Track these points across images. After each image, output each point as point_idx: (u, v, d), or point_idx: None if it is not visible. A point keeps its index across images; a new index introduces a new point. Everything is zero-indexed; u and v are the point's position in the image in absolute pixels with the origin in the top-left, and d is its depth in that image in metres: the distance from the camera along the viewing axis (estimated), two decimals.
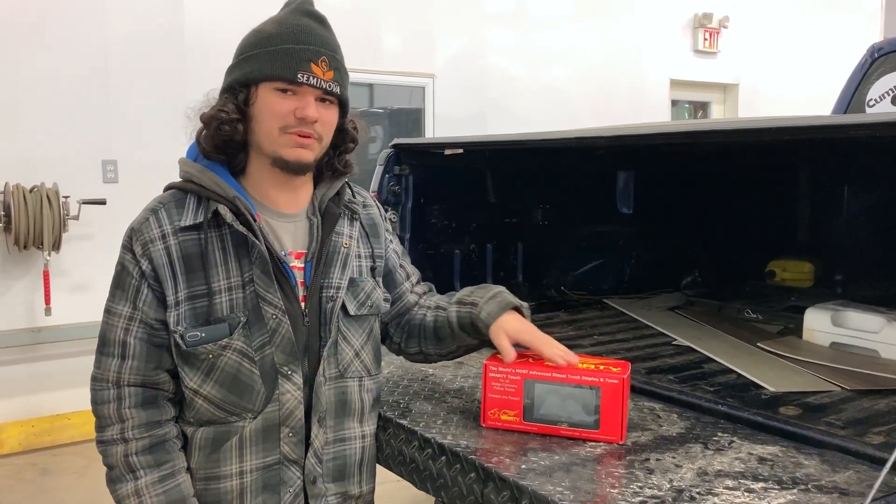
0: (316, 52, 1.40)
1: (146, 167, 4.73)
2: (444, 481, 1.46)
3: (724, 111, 7.70)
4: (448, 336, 1.63)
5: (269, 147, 1.43)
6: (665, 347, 2.37)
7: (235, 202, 1.40)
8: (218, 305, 1.39)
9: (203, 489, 1.41)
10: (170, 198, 1.44)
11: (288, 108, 1.39)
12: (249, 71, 1.41)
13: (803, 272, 3.34)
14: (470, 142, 2.67)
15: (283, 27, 1.42)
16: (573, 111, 6.28)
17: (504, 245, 3.09)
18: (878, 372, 2.07)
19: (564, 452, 1.45)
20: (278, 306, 1.41)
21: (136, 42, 4.72)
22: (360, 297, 1.55)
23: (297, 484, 1.44)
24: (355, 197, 1.61)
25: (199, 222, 1.40)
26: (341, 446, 1.50)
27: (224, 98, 1.43)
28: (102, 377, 1.42)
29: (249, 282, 1.40)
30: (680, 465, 1.40)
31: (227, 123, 1.40)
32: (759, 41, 7.61)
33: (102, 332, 1.43)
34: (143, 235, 1.39)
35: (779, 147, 3.06)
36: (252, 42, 1.44)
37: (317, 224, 1.50)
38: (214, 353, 1.39)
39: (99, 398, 1.42)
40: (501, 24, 6.23)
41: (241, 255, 1.41)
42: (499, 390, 1.55)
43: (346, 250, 1.52)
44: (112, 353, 1.41)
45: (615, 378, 1.50)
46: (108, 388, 1.41)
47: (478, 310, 1.56)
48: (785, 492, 1.29)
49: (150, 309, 1.40)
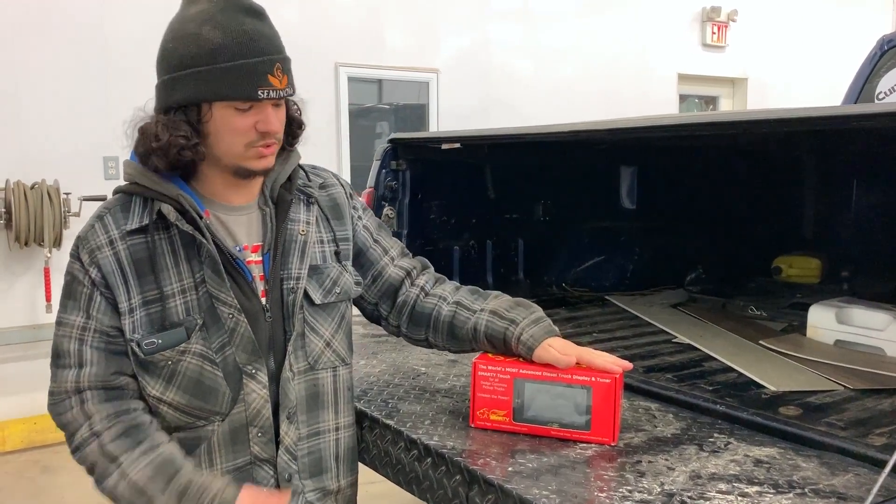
0: (271, 62, 1.32)
1: None
2: (429, 483, 1.43)
3: (733, 105, 7.61)
4: (468, 339, 1.57)
5: (231, 161, 1.36)
6: (665, 345, 2.33)
7: (179, 200, 1.34)
8: (172, 309, 1.34)
9: None
10: (115, 202, 1.39)
11: (249, 124, 1.33)
12: (201, 90, 1.31)
13: (810, 268, 3.29)
14: (467, 136, 2.63)
15: (227, 35, 1.30)
16: (579, 107, 6.21)
17: (504, 241, 3.05)
18: (883, 370, 2.02)
19: (553, 454, 1.41)
20: (233, 305, 1.36)
21: (137, 37, 4.69)
22: (326, 284, 1.49)
23: (270, 483, 1.41)
24: (310, 179, 1.54)
25: (146, 224, 1.34)
26: (316, 441, 1.46)
27: (176, 120, 1.32)
28: (60, 389, 1.36)
29: (202, 282, 1.35)
30: (672, 468, 1.35)
31: (189, 149, 1.32)
32: (767, 35, 7.52)
33: (55, 345, 1.37)
34: (90, 243, 1.34)
35: (785, 141, 3.00)
36: (194, 53, 1.31)
37: (269, 213, 1.45)
38: (174, 359, 1.34)
39: (60, 409, 1.36)
40: (506, 20, 6.18)
41: (190, 256, 1.36)
42: (488, 389, 1.51)
43: (304, 237, 1.47)
44: (68, 364, 1.35)
45: (607, 377, 1.45)
46: (68, 398, 1.35)
47: (518, 329, 1.51)
48: (780, 496, 1.24)
49: (105, 316, 1.34)
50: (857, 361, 2.10)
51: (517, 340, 1.49)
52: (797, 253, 3.31)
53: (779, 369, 2.03)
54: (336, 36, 5.35)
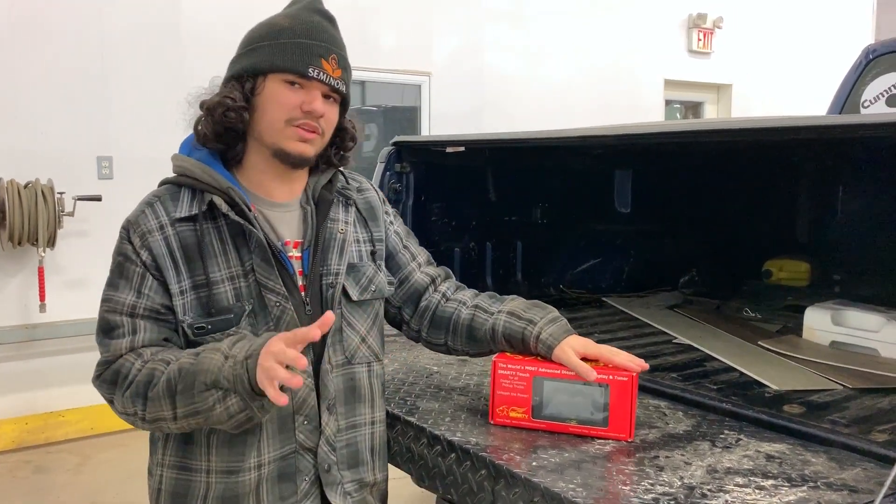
0: (327, 49, 1.42)
1: (142, 163, 4.70)
2: (453, 478, 1.47)
3: (718, 111, 7.73)
4: (486, 340, 1.61)
5: (271, 138, 1.42)
6: (666, 346, 2.38)
7: (230, 192, 1.40)
8: (221, 295, 1.38)
9: (223, 482, 1.39)
10: (164, 191, 1.44)
11: (295, 101, 1.40)
12: (259, 61, 1.41)
13: (800, 272, 3.36)
14: (471, 140, 2.67)
15: (295, 22, 1.43)
16: (569, 110, 6.28)
17: (503, 243, 3.10)
18: (879, 370, 2.09)
19: (574, 450, 1.46)
20: (281, 293, 1.41)
21: (132, 38, 4.70)
22: (363, 281, 1.54)
23: (311, 472, 1.44)
24: (349, 183, 1.61)
25: (195, 214, 1.40)
26: (353, 433, 1.50)
27: (230, 86, 1.43)
28: (114, 355, 1.36)
29: (251, 271, 1.40)
30: (689, 463, 1.41)
31: (234, 110, 1.40)
32: (752, 42, 7.64)
33: (105, 320, 1.38)
34: (141, 227, 1.38)
35: (775, 147, 3.08)
36: (262, 34, 1.44)
37: (310, 212, 1.50)
38: None
39: (110, 377, 1.35)
40: (498, 22, 6.23)
41: (239, 245, 1.41)
42: (508, 387, 1.56)
43: (343, 236, 1.52)
44: (121, 334, 1.36)
45: (624, 376, 1.50)
46: (125, 361, 1.35)
47: (537, 329, 1.55)
48: (795, 489, 1.30)
49: (157, 295, 1.38)
50: (853, 362, 2.17)
51: (536, 339, 1.54)
52: (787, 256, 3.38)
53: (779, 369, 2.09)
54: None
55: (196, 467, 1.42)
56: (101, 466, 4.25)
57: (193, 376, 1.28)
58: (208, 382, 1.27)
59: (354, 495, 1.48)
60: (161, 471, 1.45)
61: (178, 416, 1.31)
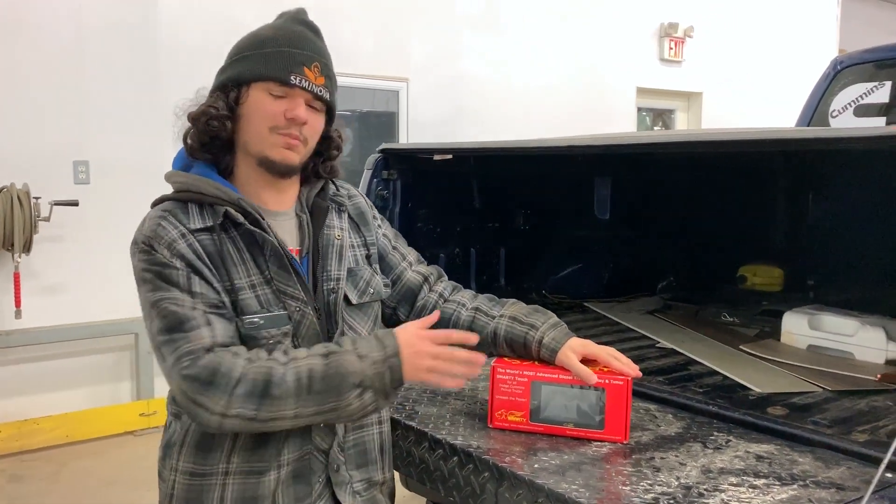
0: (309, 58, 1.45)
1: (119, 168, 4.68)
2: (456, 481, 1.50)
3: (688, 119, 7.87)
4: (487, 343, 1.65)
5: (256, 146, 1.45)
6: (650, 350, 2.44)
7: (240, 203, 1.42)
8: (248, 301, 1.40)
9: (242, 483, 1.41)
10: (171, 206, 1.43)
11: (279, 109, 1.42)
12: (242, 70, 1.45)
13: (773, 277, 3.45)
14: (459, 148, 2.71)
15: (279, 32, 1.47)
16: (543, 116, 6.37)
17: (487, 249, 3.14)
18: (855, 373, 2.17)
19: (573, 452, 1.50)
20: (300, 298, 1.44)
21: (108, 41, 4.66)
22: (360, 285, 1.57)
23: (323, 473, 1.47)
24: (339, 190, 1.64)
25: (210, 225, 1.41)
26: (360, 433, 1.53)
27: (215, 96, 1.46)
28: (196, 347, 1.31)
29: (270, 279, 1.43)
30: (684, 464, 1.46)
31: (217, 119, 1.42)
32: (722, 51, 7.80)
33: (172, 316, 1.32)
34: (164, 238, 1.38)
35: (750, 157, 3.17)
36: (247, 44, 1.48)
37: (306, 220, 1.54)
38: (276, 340, 1.40)
39: (203, 361, 1.30)
40: (474, 29, 6.28)
41: (255, 255, 1.43)
42: (506, 392, 1.60)
43: (340, 242, 1.55)
44: (196, 325, 1.32)
45: (620, 380, 1.55)
46: (207, 353, 1.31)
47: (539, 333, 1.60)
48: (786, 487, 1.35)
49: (207, 291, 1.36)
50: (830, 365, 2.24)
51: (539, 344, 1.59)
52: (761, 263, 3.47)
53: (760, 372, 2.16)
54: None
55: (212, 471, 1.43)
56: (78, 475, 4.21)
57: (340, 378, 1.32)
58: (356, 382, 1.33)
59: (363, 494, 1.51)
60: (174, 476, 1.45)
61: (305, 413, 1.32)
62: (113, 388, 4.80)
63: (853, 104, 4.20)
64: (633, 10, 7.16)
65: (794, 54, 8.14)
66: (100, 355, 4.74)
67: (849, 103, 4.21)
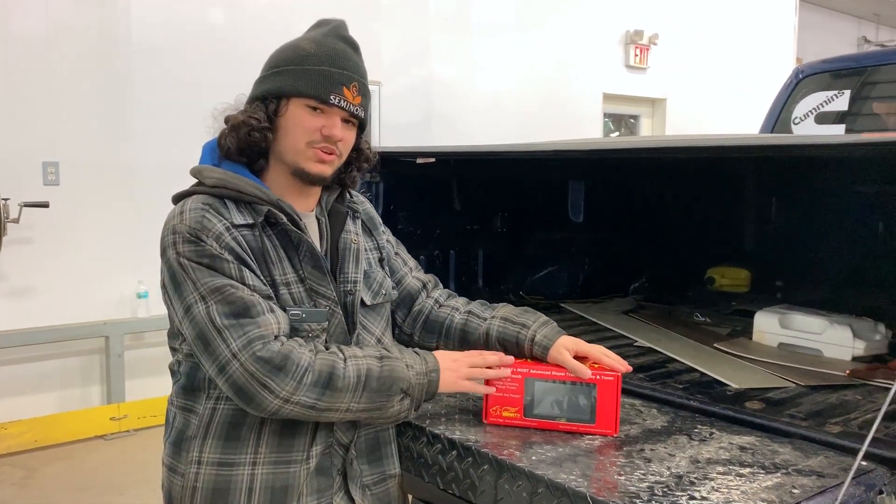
0: (349, 77, 1.50)
1: (90, 170, 4.64)
2: (455, 474, 1.55)
3: (653, 125, 8.03)
4: (479, 343, 1.72)
5: (292, 158, 1.50)
6: (629, 349, 2.52)
7: (280, 204, 1.48)
8: (285, 297, 1.46)
9: (272, 473, 1.45)
10: (208, 200, 1.45)
11: (316, 125, 1.48)
12: (283, 84, 1.49)
13: (740, 278, 3.57)
14: (442, 151, 2.76)
15: (320, 48, 1.50)
16: (512, 120, 6.46)
17: (466, 251, 3.20)
18: (824, 369, 2.27)
19: (566, 445, 1.56)
20: (331, 297, 1.50)
21: (78, 42, 4.62)
22: (374, 286, 1.64)
23: (341, 466, 1.52)
24: (353, 197, 1.72)
25: (252, 223, 1.46)
26: (373, 428, 1.58)
27: (254, 105, 1.50)
28: (267, 332, 1.36)
29: (304, 278, 1.48)
30: (673, 455, 1.52)
31: (258, 130, 1.47)
32: (685, 59, 7.98)
33: (233, 303, 1.36)
34: (211, 230, 1.40)
35: (719, 162, 3.27)
36: (288, 57, 1.51)
37: (325, 223, 1.60)
38: (314, 335, 1.45)
39: (273, 347, 1.35)
40: (446, 32, 6.34)
41: (290, 255, 1.49)
42: (501, 388, 1.65)
43: (356, 246, 1.62)
44: (261, 311, 1.37)
45: (610, 375, 1.62)
46: (277, 340, 1.37)
47: (531, 332, 1.67)
48: (770, 475, 1.43)
49: (259, 284, 1.41)
50: (801, 361, 2.34)
51: (531, 342, 1.65)
52: (728, 265, 3.59)
53: (735, 369, 2.25)
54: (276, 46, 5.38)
55: (240, 461, 1.45)
56: (48, 480, 4.16)
57: (392, 381, 1.42)
58: (403, 387, 1.45)
59: (373, 488, 1.56)
60: (196, 468, 1.47)
61: (354, 409, 1.41)
62: (83, 392, 4.75)
63: (814, 112, 4.34)
64: (600, 17, 7.29)
65: (753, 62, 8.36)
66: (70, 358, 4.69)
67: (811, 110, 4.34)
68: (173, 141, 4.87)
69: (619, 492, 1.33)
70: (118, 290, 4.77)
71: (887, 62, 4.37)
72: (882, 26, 13.85)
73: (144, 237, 4.69)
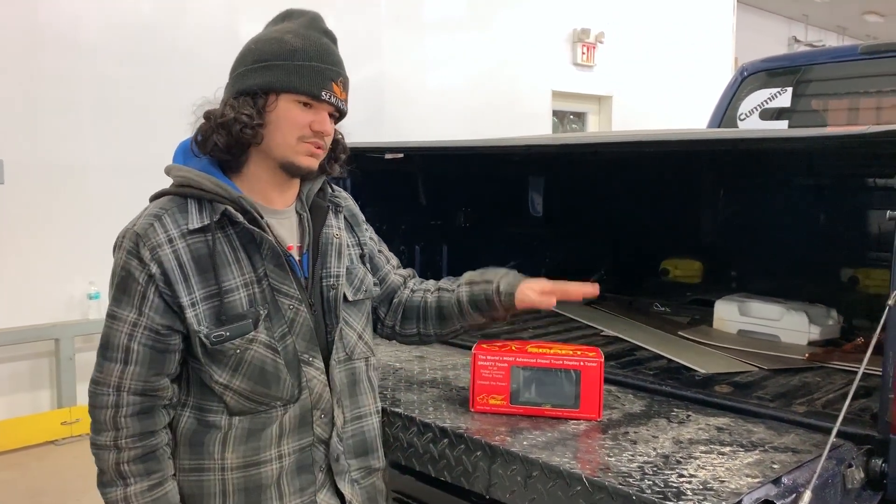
0: (336, 73, 1.51)
1: (36, 169, 4.51)
2: (447, 461, 1.58)
3: (599, 121, 8.19)
4: (455, 315, 1.75)
5: (281, 152, 1.49)
6: (596, 338, 2.59)
7: (241, 202, 1.46)
8: (235, 302, 1.43)
9: (243, 476, 1.45)
10: (169, 203, 1.46)
11: (306, 120, 1.48)
12: (274, 80, 1.47)
13: (693, 269, 3.69)
14: (410, 146, 2.78)
15: (307, 43, 1.49)
16: (462, 117, 6.50)
17: (431, 246, 3.23)
18: (782, 353, 2.38)
19: (554, 430, 1.61)
20: (294, 296, 1.48)
21: (21, 40, 4.48)
22: (355, 283, 1.64)
23: (325, 462, 1.52)
24: (334, 192, 1.71)
25: (207, 224, 1.44)
26: (359, 423, 1.58)
27: (242, 101, 1.47)
28: (104, 381, 1.43)
29: (264, 276, 1.46)
30: (656, 437, 1.59)
31: (251, 128, 1.45)
32: (629, 57, 8.16)
33: (105, 337, 1.44)
34: (150, 240, 1.41)
35: (672, 157, 3.38)
36: (275, 51, 1.48)
37: (306, 218, 1.59)
38: (241, 348, 1.43)
39: (98, 402, 1.44)
40: (397, 30, 6.34)
41: (251, 253, 1.47)
42: (487, 377, 1.69)
43: (339, 240, 1.62)
44: (115, 359, 1.43)
45: (594, 362, 1.67)
46: (109, 394, 1.42)
47: (495, 285, 1.71)
48: (750, 453, 1.50)
49: (157, 314, 1.42)
50: (760, 347, 2.45)
51: (497, 293, 1.70)
52: (682, 257, 3.70)
53: (700, 355, 2.34)
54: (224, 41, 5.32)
55: (208, 466, 1.46)
56: (1, 487, 4.03)
57: None
58: None
59: (361, 482, 1.56)
60: (177, 474, 1.48)
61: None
62: (32, 397, 4.61)
63: (759, 108, 4.51)
64: (548, 15, 7.39)
65: (694, 60, 8.60)
66: (17, 363, 4.54)
67: (755, 107, 4.51)
68: (120, 139, 4.78)
69: (612, 472, 1.38)
70: (67, 291, 4.64)
71: (824, 61, 4.57)
72: (811, 26, 14.40)
73: (94, 237, 4.60)
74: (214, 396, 1.46)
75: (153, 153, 4.69)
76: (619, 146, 2.19)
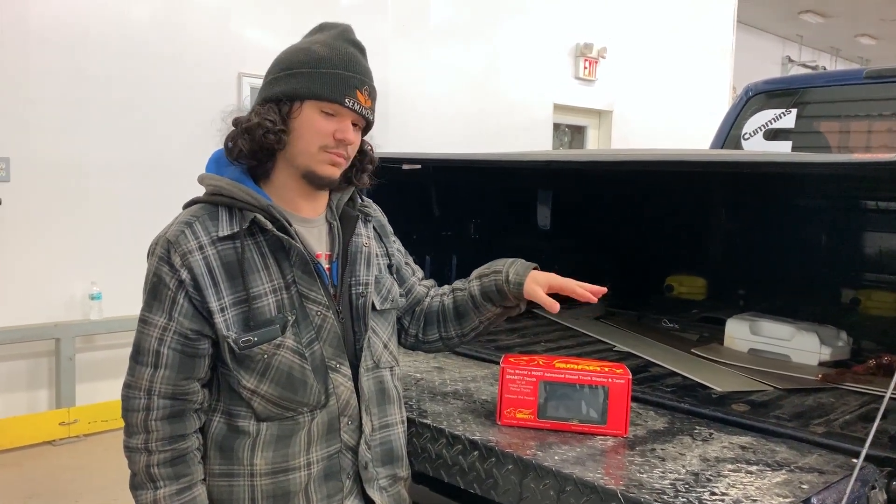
0: (361, 81, 1.52)
1: (43, 167, 4.50)
2: (476, 474, 1.59)
3: (599, 136, 8.24)
4: (471, 311, 1.76)
5: (303, 161, 1.51)
6: (608, 353, 2.61)
7: (270, 210, 1.48)
8: (263, 308, 1.45)
9: (272, 483, 1.46)
10: (201, 211, 1.49)
11: (329, 129, 1.49)
12: (298, 87, 1.49)
13: (697, 286, 3.72)
14: (429, 158, 2.80)
15: (332, 52, 1.52)
16: (465, 129, 6.54)
17: (441, 257, 3.24)
18: (795, 373, 2.40)
19: (582, 445, 1.63)
20: (322, 303, 1.50)
21: (27, 38, 4.48)
22: (383, 292, 1.66)
23: (353, 470, 1.54)
24: (364, 202, 1.74)
25: (236, 231, 1.47)
26: (387, 432, 1.60)
27: (267, 107, 1.49)
28: (135, 385, 1.46)
29: (292, 283, 1.48)
30: (683, 454, 1.61)
31: (273, 133, 1.47)
32: (630, 73, 8.23)
33: (137, 341, 1.47)
34: (181, 247, 1.44)
35: (681, 176, 3.41)
36: (301, 60, 1.51)
37: (336, 227, 1.61)
38: (269, 353, 1.45)
39: (130, 406, 1.46)
40: (402, 38, 6.37)
41: (280, 259, 1.49)
42: (515, 391, 1.71)
43: (368, 249, 1.64)
44: (145, 363, 1.45)
45: (622, 378, 1.69)
46: (140, 398, 1.45)
47: (503, 275, 1.71)
48: (777, 472, 1.52)
49: (186, 319, 1.44)
50: (771, 366, 2.47)
51: (506, 283, 1.71)
52: (685, 273, 3.74)
53: (714, 373, 2.36)
54: (239, 46, 5.33)
55: (238, 472, 1.47)
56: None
57: None
58: None
59: (389, 490, 1.58)
60: (207, 478, 1.49)
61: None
62: (30, 396, 4.59)
63: (763, 128, 4.56)
64: (552, 29, 7.45)
65: (693, 78, 8.68)
66: (16, 361, 4.52)
67: (760, 126, 4.56)
68: (125, 139, 4.77)
69: (646, 489, 1.40)
70: (69, 291, 4.63)
71: (828, 84, 4.63)
72: (805, 47, 14.56)
73: (98, 237, 4.60)
74: (243, 402, 1.48)
75: (158, 154, 4.74)
76: (643, 165, 2.21)
